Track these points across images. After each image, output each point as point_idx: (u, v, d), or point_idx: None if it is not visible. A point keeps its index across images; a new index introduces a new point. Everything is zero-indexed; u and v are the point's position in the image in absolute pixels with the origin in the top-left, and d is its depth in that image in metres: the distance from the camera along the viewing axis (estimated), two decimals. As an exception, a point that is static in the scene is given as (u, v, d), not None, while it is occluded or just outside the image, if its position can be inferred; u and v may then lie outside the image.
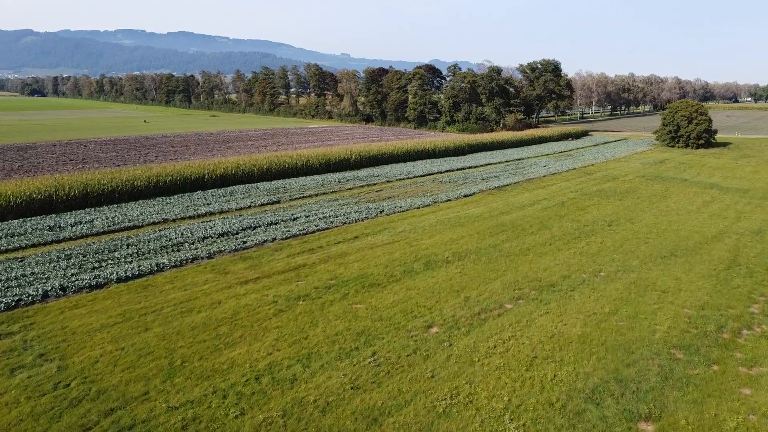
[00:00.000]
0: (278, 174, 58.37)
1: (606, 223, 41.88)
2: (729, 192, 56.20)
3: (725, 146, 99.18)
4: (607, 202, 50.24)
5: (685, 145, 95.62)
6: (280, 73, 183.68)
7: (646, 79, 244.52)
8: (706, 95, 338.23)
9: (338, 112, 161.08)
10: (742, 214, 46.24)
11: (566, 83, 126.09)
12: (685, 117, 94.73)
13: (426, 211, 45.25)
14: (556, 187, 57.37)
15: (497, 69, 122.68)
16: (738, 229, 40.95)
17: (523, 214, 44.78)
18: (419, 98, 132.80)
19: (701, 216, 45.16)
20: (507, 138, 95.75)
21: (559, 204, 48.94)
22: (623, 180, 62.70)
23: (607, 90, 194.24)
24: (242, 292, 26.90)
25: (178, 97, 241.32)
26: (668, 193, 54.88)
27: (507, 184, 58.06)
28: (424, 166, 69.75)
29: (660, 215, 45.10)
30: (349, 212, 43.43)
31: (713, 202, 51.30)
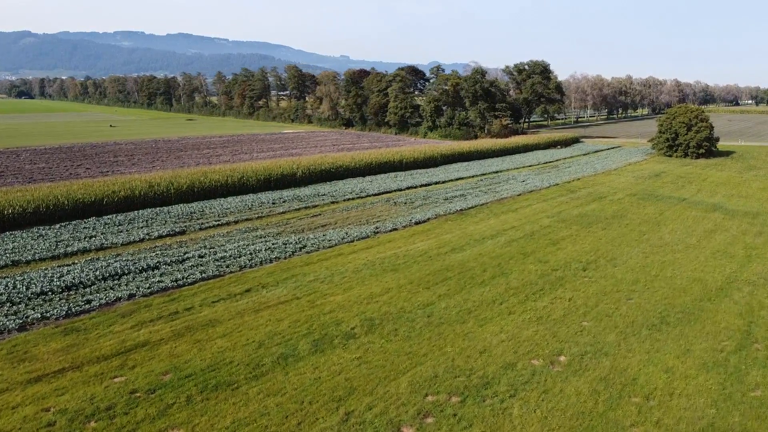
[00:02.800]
0: (202, 194, 49.42)
1: (581, 267, 32.90)
2: (735, 217, 47.21)
3: (728, 156, 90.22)
4: (587, 232, 41.26)
5: (684, 154, 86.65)
6: (258, 74, 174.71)
7: (644, 81, 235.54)
8: (706, 98, 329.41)
9: (318, 116, 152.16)
10: (753, 250, 37.23)
11: (556, 86, 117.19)
12: (683, 123, 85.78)
13: (359, 247, 36.31)
14: (530, 210, 48.41)
15: (481, 70, 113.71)
16: (749, 275, 31.94)
17: (479, 251, 35.80)
18: (400, 102, 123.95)
19: (702, 254, 36.15)
20: (487, 147, 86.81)
21: (528, 235, 39.96)
22: (611, 200, 53.69)
23: (602, 93, 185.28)
24: (17, 401, 17.92)
25: (159, 100, 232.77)
26: (663, 219, 45.89)
27: (472, 206, 49.11)
28: (383, 182, 60.79)
29: (651, 253, 36.10)
30: (260, 249, 34.53)
31: (717, 231, 42.31)
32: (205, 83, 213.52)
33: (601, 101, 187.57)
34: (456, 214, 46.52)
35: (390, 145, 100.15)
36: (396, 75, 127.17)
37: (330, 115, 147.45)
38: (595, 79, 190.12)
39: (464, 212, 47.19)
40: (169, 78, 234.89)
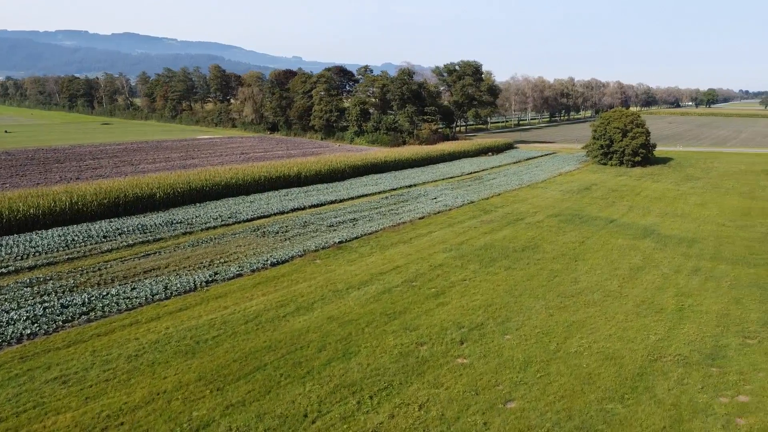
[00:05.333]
0: (16, 225, 38.76)
1: (459, 337, 24.05)
2: (669, 245, 39.50)
3: (665, 163, 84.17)
4: (485, 274, 32.60)
5: (620, 162, 79.99)
6: (180, 75, 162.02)
7: (587, 83, 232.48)
8: (648, 100, 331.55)
9: (242, 120, 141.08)
10: (687, 300, 29.19)
11: (488, 88, 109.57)
12: (618, 129, 79.05)
13: (172, 307, 26.70)
14: (428, 241, 39.61)
15: (408, 71, 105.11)
16: (680, 346, 23.68)
17: (332, 311, 26.60)
18: (325, 105, 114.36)
19: (623, 308, 27.85)
20: (407, 156, 78.10)
21: (409, 282, 31.00)
22: (527, 224, 45.47)
23: (544, 95, 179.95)
24: None
25: (80, 102, 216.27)
26: (582, 251, 37.74)
27: (358, 236, 40.01)
28: (266, 202, 51.15)
29: (558, 308, 27.60)
30: (17, 319, 24.42)
31: (645, 268, 34.32)
32: (127, 84, 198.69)
33: (543, 103, 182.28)
34: (332, 248, 37.27)
35: (309, 153, 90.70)
36: (321, 76, 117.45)
37: (254, 119, 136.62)
38: (537, 80, 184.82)
39: (344, 245, 37.98)
40: (90, 79, 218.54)
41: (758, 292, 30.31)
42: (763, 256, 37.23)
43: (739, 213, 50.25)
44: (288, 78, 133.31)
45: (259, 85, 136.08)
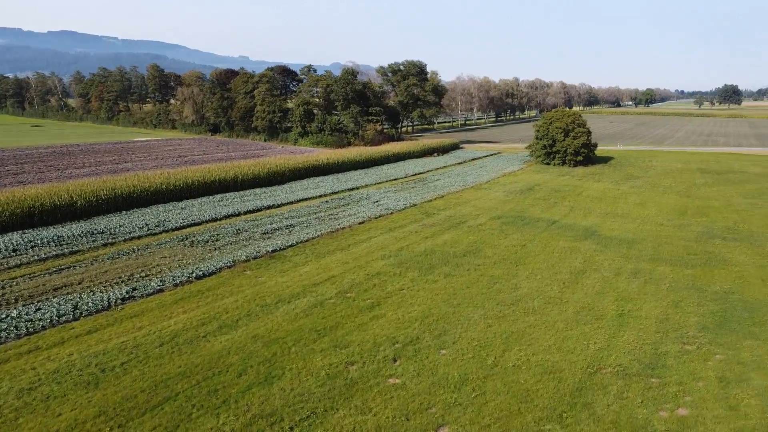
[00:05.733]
0: None
1: (392, 354, 22.58)
2: (609, 247, 39.16)
3: (607, 162, 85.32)
4: (425, 282, 31.29)
5: (562, 162, 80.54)
6: (116, 74, 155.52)
7: (531, 83, 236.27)
8: (590, 100, 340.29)
9: (182, 122, 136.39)
10: (627, 304, 28.59)
11: (433, 88, 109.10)
12: (561, 129, 79.54)
13: (79, 330, 24.34)
14: (366, 248, 38.09)
15: (351, 71, 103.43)
16: (620, 356, 22.87)
17: (258, 328, 24.74)
18: (268, 105, 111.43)
19: (563, 315, 26.98)
20: (351, 157, 76.44)
21: (343, 293, 29.39)
22: (470, 227, 44.53)
23: (489, 95, 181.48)
24: None
25: (10, 103, 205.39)
26: (524, 255, 36.94)
27: (293, 244, 38.13)
28: (199, 209, 48.61)
29: (497, 317, 26.50)
30: None
31: (586, 271, 33.72)
32: (60, 84, 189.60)
33: (489, 103, 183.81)
34: (265, 258, 35.27)
35: (251, 155, 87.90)
36: (263, 75, 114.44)
37: (195, 120, 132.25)
38: (482, 81, 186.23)
39: (277, 254, 36.03)
40: (20, 78, 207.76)
41: (696, 295, 30.03)
42: (699, 256, 37.28)
43: (676, 212, 50.76)
44: (230, 78, 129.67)
45: (199, 85, 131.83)
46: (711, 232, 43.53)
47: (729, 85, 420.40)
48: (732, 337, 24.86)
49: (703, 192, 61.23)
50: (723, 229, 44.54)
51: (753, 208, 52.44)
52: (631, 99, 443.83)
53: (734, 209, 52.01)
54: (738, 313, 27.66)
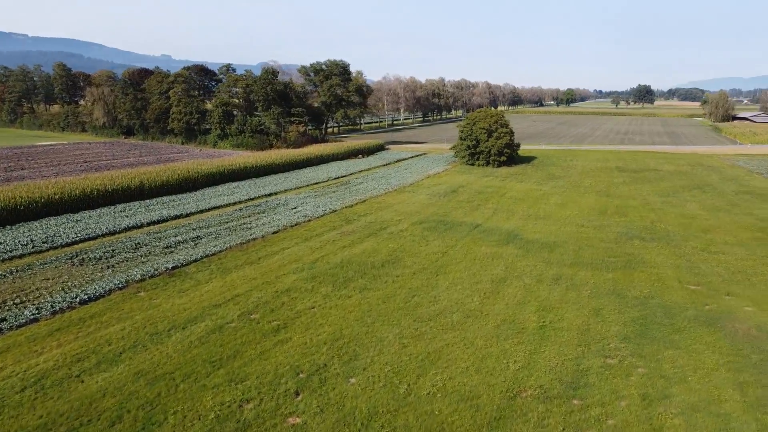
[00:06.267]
0: None
1: (294, 386, 20.19)
2: (531, 251, 38.17)
3: (529, 162, 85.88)
4: (338, 298, 29.03)
5: (486, 162, 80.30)
6: (18, 74, 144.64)
7: (457, 83, 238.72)
8: (514, 99, 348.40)
9: (92, 124, 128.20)
10: (548, 314, 27.33)
11: (356, 88, 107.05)
12: (484, 130, 79.24)
13: None
14: (278, 260, 35.42)
15: (271, 70, 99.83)
16: (541, 375, 21.40)
17: (144, 362, 21.78)
18: (184, 106, 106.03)
19: (483, 330, 25.37)
20: (272, 160, 73.17)
21: (247, 315, 26.69)
22: (391, 233, 42.62)
23: (416, 95, 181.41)
24: None
25: None
26: (445, 263, 35.30)
27: (201, 257, 35.03)
28: (95, 221, 44.44)
29: (414, 336, 24.57)
30: None
31: (507, 279, 32.39)
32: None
33: (415, 103, 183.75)
34: (164, 275, 31.97)
35: (166, 159, 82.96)
36: (179, 75, 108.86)
37: (107, 123, 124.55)
38: (409, 81, 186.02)
39: (178, 272, 32.79)
40: None
41: (616, 301, 29.22)
42: (619, 258, 36.85)
43: (596, 212, 50.80)
44: (144, 77, 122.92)
45: (110, 86, 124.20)
46: (630, 233, 43.50)
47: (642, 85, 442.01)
48: (653, 347, 23.95)
49: (622, 191, 62.06)
50: (641, 229, 44.66)
51: (668, 207, 53.28)
52: (553, 99, 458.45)
53: (651, 208, 52.66)
54: (658, 320, 26.94)
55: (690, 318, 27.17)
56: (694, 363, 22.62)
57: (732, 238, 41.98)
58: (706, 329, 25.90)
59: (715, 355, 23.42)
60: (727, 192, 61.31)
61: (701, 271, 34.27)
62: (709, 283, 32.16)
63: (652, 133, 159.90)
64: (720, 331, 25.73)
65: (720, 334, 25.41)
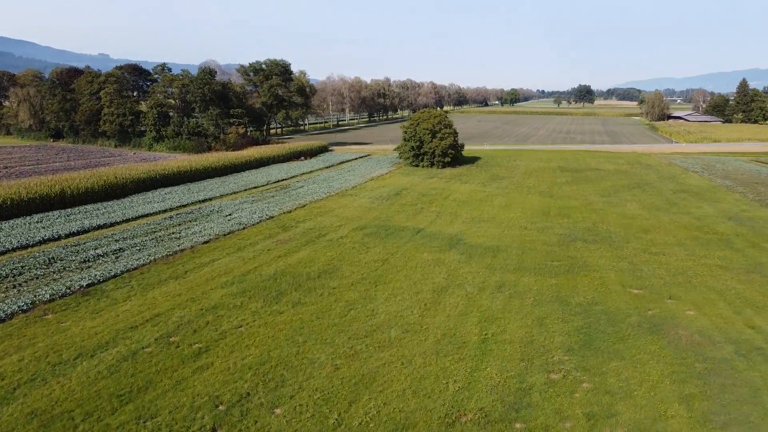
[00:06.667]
0: None
1: (210, 424, 18.19)
2: (474, 257, 37.00)
3: (474, 162, 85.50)
4: (268, 315, 26.98)
5: (431, 163, 79.39)
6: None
7: (403, 83, 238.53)
8: (460, 99, 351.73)
9: (18, 126, 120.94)
10: (491, 326, 26.07)
11: (298, 88, 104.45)
12: (428, 130, 78.26)
13: None
14: (206, 273, 33.03)
15: (208, 70, 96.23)
16: (480, 397, 20.05)
17: (30, 406, 19.35)
18: (116, 107, 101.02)
19: (422, 347, 23.85)
20: (208, 164, 70.03)
21: (166, 338, 24.38)
22: (329, 240, 40.74)
23: (361, 95, 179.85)
24: None
25: None
26: (385, 272, 33.70)
27: (122, 272, 32.28)
28: (6, 234, 40.77)
29: (348, 357, 22.84)
30: None
31: (449, 288, 31.04)
32: None
33: (361, 104, 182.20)
34: (77, 294, 29.12)
35: (96, 163, 78.72)
36: (110, 75, 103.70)
37: (33, 125, 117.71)
38: (354, 81, 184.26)
39: (93, 290, 29.98)
40: None
41: (560, 309, 28.25)
42: (562, 262, 36.11)
43: (539, 214, 50.29)
44: (74, 77, 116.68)
45: (37, 86, 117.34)
46: (573, 234, 43.01)
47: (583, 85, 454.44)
48: (598, 359, 22.96)
49: (564, 191, 62.05)
50: (583, 231, 44.27)
51: (609, 207, 53.35)
52: (497, 98, 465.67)
53: (593, 209, 52.57)
54: (602, 328, 26.07)
55: (634, 325, 26.42)
56: (640, 375, 21.71)
57: (672, 238, 42.01)
58: (650, 337, 25.16)
59: (660, 365, 22.61)
60: (666, 191, 62.16)
61: (643, 274, 33.83)
62: (651, 287, 31.68)
63: (592, 132, 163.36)
64: (664, 338, 25.04)
65: (664, 341, 24.70)
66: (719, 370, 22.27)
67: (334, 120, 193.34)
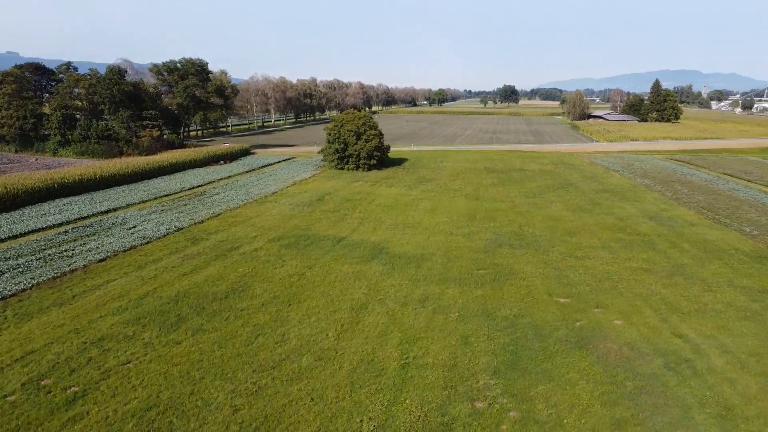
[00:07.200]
0: None
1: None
2: (397, 267, 34.91)
3: (401, 164, 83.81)
4: (162, 345, 23.82)
5: (356, 166, 77.07)
6: None
7: (330, 83, 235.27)
8: (388, 99, 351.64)
9: None
10: (413, 347, 23.96)
11: (216, 89, 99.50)
12: (352, 132, 75.90)
13: None
14: (98, 297, 29.35)
15: (118, 69, 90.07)
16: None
17: None
18: (15, 110, 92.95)
19: (337, 376, 21.48)
20: (116, 170, 64.88)
21: (35, 382, 20.95)
22: (244, 254, 37.63)
23: (287, 95, 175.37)
24: None
25: None
26: (301, 289, 31.05)
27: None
28: None
29: (250, 394, 20.21)
30: None
31: (369, 305, 28.74)
32: None
33: (286, 104, 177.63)
34: (-67, 331, 24.79)
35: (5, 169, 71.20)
36: (8, 74, 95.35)
37: None
38: (279, 81, 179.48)
39: (-44, 324, 25.69)
40: None
41: (486, 324, 26.52)
42: (488, 270, 34.59)
43: (466, 218, 48.91)
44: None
45: None
46: (499, 239, 41.73)
47: (508, 85, 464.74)
48: (525, 381, 21.27)
49: (491, 193, 61.17)
50: (510, 235, 43.11)
51: (534, 209, 52.69)
52: (425, 99, 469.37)
53: (518, 211, 51.73)
54: (529, 344, 24.49)
55: (561, 339, 24.99)
56: (569, 399, 20.12)
57: (596, 241, 41.46)
58: (579, 352, 23.76)
59: (590, 385, 21.16)
60: (589, 191, 62.44)
61: (570, 281, 32.73)
62: (578, 294, 30.56)
63: (518, 132, 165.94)
64: (592, 353, 23.69)
65: (593, 357, 23.35)
66: (650, 388, 21.03)
67: (259, 121, 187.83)
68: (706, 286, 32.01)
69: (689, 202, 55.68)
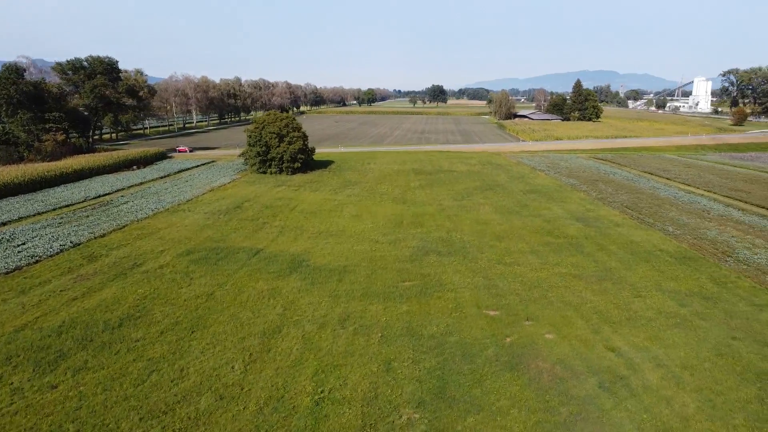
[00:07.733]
0: None
1: None
2: (317, 282, 32.26)
3: (327, 167, 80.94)
4: (34, 392, 20.45)
5: (279, 170, 73.65)
6: None
7: (255, 83, 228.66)
8: (317, 99, 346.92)
9: None
10: (329, 377, 21.49)
11: (127, 88, 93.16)
12: (275, 134, 72.45)
13: None
14: (-38, 334, 24.98)
15: (14, 68, 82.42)
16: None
17: None
18: None
19: (240, 419, 18.86)
20: (8, 180, 58.64)
21: None
22: (146, 272, 33.92)
23: (209, 96, 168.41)
24: None
25: None
26: (208, 312, 27.90)
27: None
28: None
29: (128, 456, 16.85)
30: None
31: (283, 329, 25.97)
32: None
33: (209, 105, 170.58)
34: None
35: None
36: None
37: None
38: (200, 80, 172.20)
39: None
40: None
41: (411, 345, 24.34)
42: (415, 281, 32.51)
43: (392, 224, 46.80)
44: None
45: None
46: (426, 246, 39.82)
47: (436, 85, 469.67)
48: (453, 414, 19.19)
49: (418, 196, 59.39)
50: (437, 241, 41.30)
51: (463, 212, 51.25)
52: (355, 98, 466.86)
53: (447, 215, 50.12)
54: (457, 367, 22.49)
55: (491, 359, 23.12)
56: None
57: (525, 245, 40.26)
58: (509, 374, 21.94)
59: (522, 413, 19.31)
60: (516, 192, 61.78)
61: (499, 291, 31.10)
62: (508, 306, 28.93)
63: (446, 131, 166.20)
64: (524, 374, 21.93)
65: (524, 379, 21.57)
66: (585, 413, 19.40)
67: (180, 122, 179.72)
68: (635, 291, 31.17)
69: (614, 201, 55.84)
